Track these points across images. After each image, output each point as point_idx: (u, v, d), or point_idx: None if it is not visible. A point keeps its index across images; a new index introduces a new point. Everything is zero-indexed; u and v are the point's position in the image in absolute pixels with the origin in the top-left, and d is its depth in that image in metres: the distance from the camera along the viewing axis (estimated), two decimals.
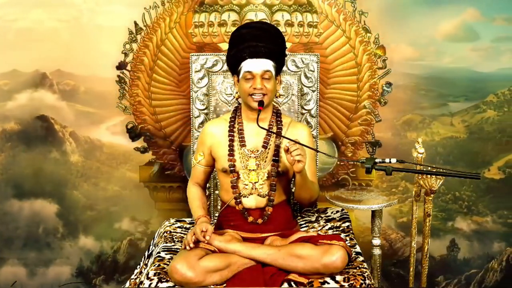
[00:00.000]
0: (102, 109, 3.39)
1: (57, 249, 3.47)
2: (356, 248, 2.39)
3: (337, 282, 2.12)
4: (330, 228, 2.58)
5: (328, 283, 2.11)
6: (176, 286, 2.10)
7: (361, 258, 2.31)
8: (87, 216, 3.45)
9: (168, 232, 2.63)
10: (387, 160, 2.07)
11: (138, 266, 2.59)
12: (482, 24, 3.36)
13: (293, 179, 2.44)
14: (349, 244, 2.39)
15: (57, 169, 3.42)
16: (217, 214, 2.78)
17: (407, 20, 3.31)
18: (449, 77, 3.37)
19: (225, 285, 2.15)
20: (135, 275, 2.54)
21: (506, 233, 3.50)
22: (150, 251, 2.59)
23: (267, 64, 2.33)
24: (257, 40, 2.31)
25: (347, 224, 2.61)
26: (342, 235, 2.47)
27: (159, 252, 2.38)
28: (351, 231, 2.56)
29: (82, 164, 3.43)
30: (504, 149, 3.46)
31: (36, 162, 3.41)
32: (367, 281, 2.13)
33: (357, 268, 2.20)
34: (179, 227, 2.70)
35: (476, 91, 3.44)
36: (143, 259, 2.60)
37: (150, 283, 2.13)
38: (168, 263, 2.26)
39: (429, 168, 2.62)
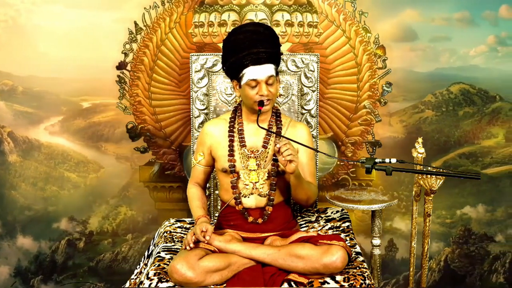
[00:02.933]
0: (41, 109, 3.39)
1: None
2: (356, 248, 2.39)
3: (337, 282, 2.12)
4: (330, 228, 2.58)
5: (328, 283, 2.12)
6: (176, 286, 2.10)
7: (361, 258, 2.31)
8: (25, 216, 3.44)
9: (168, 232, 2.63)
10: (387, 160, 2.07)
11: (138, 266, 2.59)
12: (420, 24, 3.33)
13: None
14: (349, 244, 2.40)
15: None
16: (217, 214, 2.79)
17: None
18: (388, 77, 3.33)
19: (225, 285, 2.15)
20: (135, 275, 2.54)
21: (444, 233, 3.47)
22: (150, 251, 2.59)
23: (270, 69, 2.33)
24: (257, 46, 2.29)
25: (347, 224, 2.61)
26: (342, 235, 2.47)
27: (159, 252, 2.38)
28: (351, 231, 2.56)
29: (20, 164, 3.43)
30: (442, 149, 3.44)
31: None
32: (367, 281, 2.13)
33: (357, 268, 2.20)
34: (179, 227, 2.70)
35: (414, 91, 3.42)
36: (143, 259, 2.60)
37: (150, 283, 2.13)
38: (168, 263, 2.26)
39: (429, 168, 2.63)
